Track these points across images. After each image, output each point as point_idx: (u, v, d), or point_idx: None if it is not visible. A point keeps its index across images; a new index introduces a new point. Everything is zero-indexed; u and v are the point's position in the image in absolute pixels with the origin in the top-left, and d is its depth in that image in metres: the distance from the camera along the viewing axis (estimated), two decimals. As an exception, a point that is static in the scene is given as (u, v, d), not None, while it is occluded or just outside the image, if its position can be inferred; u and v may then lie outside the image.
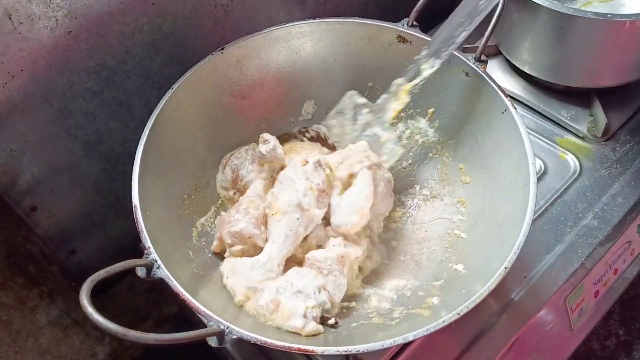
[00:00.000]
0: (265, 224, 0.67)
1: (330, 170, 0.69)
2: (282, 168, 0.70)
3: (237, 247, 0.65)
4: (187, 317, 0.87)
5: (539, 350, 0.73)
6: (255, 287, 0.61)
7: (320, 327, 0.59)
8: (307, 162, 0.68)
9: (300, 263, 0.66)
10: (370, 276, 0.69)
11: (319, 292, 0.61)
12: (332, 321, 0.61)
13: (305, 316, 0.59)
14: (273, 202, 0.66)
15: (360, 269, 0.68)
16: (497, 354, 0.68)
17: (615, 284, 0.82)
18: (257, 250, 0.65)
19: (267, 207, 0.67)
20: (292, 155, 0.74)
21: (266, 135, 0.70)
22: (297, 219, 0.64)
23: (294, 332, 0.58)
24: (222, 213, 0.71)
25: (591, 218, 0.78)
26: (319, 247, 0.67)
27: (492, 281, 0.53)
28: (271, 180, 0.70)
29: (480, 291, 0.52)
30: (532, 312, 0.71)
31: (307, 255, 0.65)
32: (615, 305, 1.10)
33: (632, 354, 1.09)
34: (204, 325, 0.51)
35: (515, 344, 0.70)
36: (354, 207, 0.66)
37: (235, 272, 0.63)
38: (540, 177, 0.82)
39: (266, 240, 0.65)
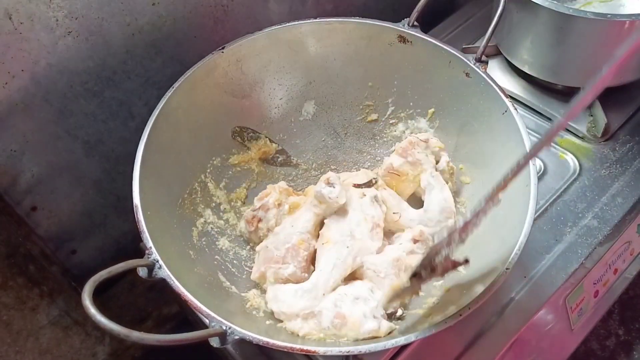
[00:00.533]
0: (313, 261, 0.65)
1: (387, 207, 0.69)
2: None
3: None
4: (188, 317, 0.87)
5: (538, 350, 0.73)
6: (312, 311, 0.59)
7: (392, 324, 0.58)
8: (365, 195, 0.67)
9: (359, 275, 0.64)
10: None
11: (373, 292, 0.60)
12: (399, 312, 0.60)
13: (375, 317, 0.57)
14: (325, 232, 0.65)
15: None
16: (497, 354, 0.68)
17: (614, 283, 0.82)
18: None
19: (317, 245, 0.65)
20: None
21: (332, 178, 0.66)
22: (347, 247, 0.62)
23: (370, 337, 0.56)
24: (269, 245, 0.66)
25: (591, 218, 0.78)
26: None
27: (493, 282, 0.53)
28: (323, 217, 0.68)
29: (482, 292, 0.52)
30: (531, 312, 0.71)
31: (363, 260, 0.63)
32: (615, 305, 1.10)
33: (632, 353, 1.09)
34: (205, 325, 0.51)
35: (515, 344, 0.70)
36: (446, 211, 0.67)
37: (278, 299, 0.61)
38: (540, 177, 0.82)
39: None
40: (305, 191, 0.75)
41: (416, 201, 0.73)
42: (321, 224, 0.67)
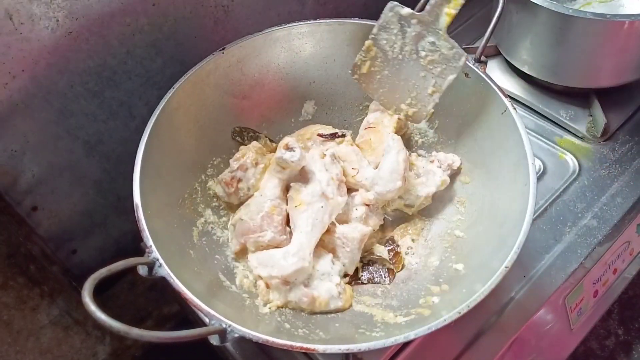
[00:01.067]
0: (288, 223, 0.68)
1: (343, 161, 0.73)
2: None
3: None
4: (188, 317, 0.87)
5: (538, 349, 0.74)
6: (303, 268, 0.63)
7: (350, 290, 0.65)
8: (325, 154, 0.70)
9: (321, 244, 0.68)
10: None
11: (334, 264, 0.65)
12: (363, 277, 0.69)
13: (340, 293, 0.64)
14: (295, 196, 0.68)
15: None
16: (497, 353, 0.69)
17: (614, 283, 0.82)
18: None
19: (288, 209, 0.68)
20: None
21: (291, 142, 0.68)
22: (322, 207, 0.66)
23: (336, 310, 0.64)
24: (242, 217, 0.68)
25: (590, 218, 0.78)
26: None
27: (493, 280, 0.53)
28: (288, 182, 0.70)
29: (481, 290, 0.52)
30: (531, 312, 0.71)
31: (336, 229, 0.67)
32: (615, 305, 1.10)
33: (631, 353, 1.10)
34: (205, 325, 0.51)
35: (514, 344, 0.70)
36: (396, 173, 0.69)
37: (266, 264, 0.64)
38: (539, 177, 0.82)
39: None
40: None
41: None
42: (287, 188, 0.70)
